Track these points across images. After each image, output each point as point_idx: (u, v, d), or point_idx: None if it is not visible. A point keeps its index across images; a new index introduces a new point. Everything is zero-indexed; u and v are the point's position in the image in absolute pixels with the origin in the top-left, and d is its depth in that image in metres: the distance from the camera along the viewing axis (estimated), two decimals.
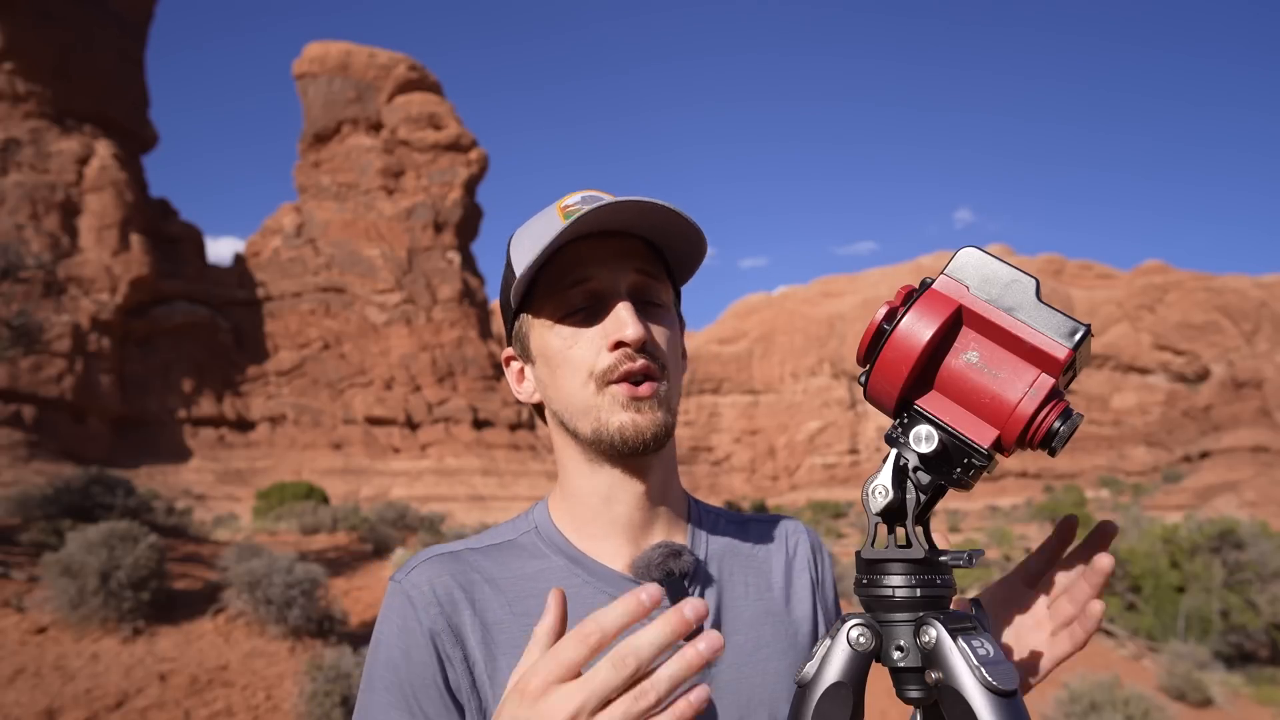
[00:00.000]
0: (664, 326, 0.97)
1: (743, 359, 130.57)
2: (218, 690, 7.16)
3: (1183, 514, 35.76)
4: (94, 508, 11.68)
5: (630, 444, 0.93)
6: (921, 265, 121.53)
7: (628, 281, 0.95)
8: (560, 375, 0.96)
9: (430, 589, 0.93)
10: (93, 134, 59.29)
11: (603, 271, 0.94)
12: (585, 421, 0.95)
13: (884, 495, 0.75)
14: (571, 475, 1.00)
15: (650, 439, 0.93)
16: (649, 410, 0.93)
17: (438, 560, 0.97)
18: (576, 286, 0.95)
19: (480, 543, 1.01)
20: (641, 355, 0.93)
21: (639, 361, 0.92)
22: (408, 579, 0.95)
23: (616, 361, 0.92)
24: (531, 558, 0.99)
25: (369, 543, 15.21)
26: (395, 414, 66.91)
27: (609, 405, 0.93)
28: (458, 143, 76.37)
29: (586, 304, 0.95)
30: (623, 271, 0.95)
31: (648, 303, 0.97)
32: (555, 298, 0.96)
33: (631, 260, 0.96)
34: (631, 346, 0.92)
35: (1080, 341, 0.71)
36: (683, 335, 1.06)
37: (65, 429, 51.99)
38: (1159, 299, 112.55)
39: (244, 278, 71.04)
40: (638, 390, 0.93)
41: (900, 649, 0.75)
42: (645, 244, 0.98)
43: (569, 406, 0.96)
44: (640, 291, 0.96)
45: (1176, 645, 13.64)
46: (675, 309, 1.03)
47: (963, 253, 0.76)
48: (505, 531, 1.03)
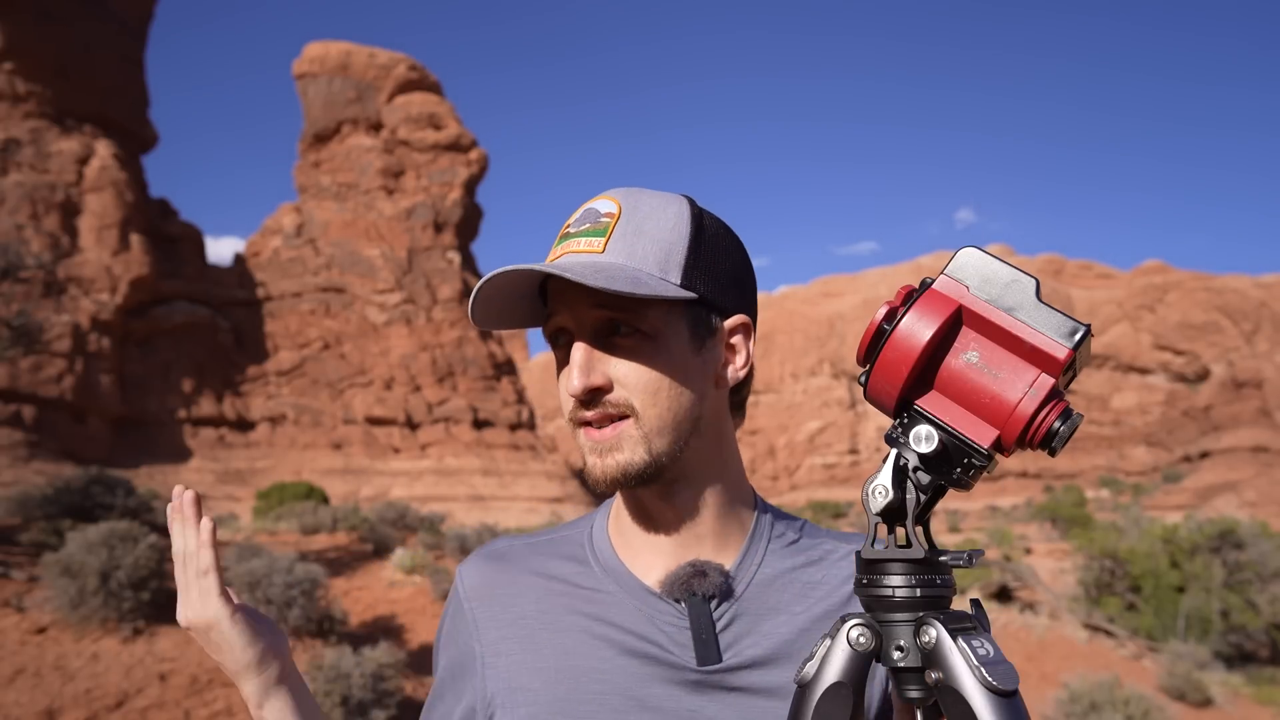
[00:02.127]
0: (638, 358, 0.91)
1: None
2: (218, 690, 7.16)
3: (1183, 514, 35.74)
4: (94, 508, 11.68)
5: (599, 486, 0.92)
6: (921, 265, 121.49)
7: (590, 319, 0.91)
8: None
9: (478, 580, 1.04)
10: (93, 134, 59.27)
11: (567, 309, 0.92)
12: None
13: (884, 495, 0.75)
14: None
15: (612, 482, 0.91)
16: (609, 454, 0.91)
17: (485, 555, 1.06)
18: (549, 320, 0.94)
19: (541, 536, 1.07)
20: (591, 406, 0.91)
21: (590, 412, 0.91)
22: (465, 565, 1.07)
23: (574, 408, 0.92)
24: (573, 560, 1.02)
25: (369, 543, 15.21)
26: (395, 414, 66.89)
27: (581, 447, 0.94)
28: (458, 143, 76.36)
29: (562, 340, 0.94)
30: (585, 308, 0.91)
31: (621, 331, 0.91)
32: (547, 327, 0.96)
33: (595, 294, 0.89)
34: (575, 397, 0.90)
35: (1080, 341, 0.71)
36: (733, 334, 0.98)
37: (65, 429, 51.96)
38: (1159, 299, 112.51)
39: (244, 278, 71.03)
40: (595, 435, 0.91)
41: (900, 649, 0.75)
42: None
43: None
44: (605, 327, 0.92)
45: (1176, 645, 13.64)
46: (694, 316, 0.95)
47: (963, 253, 0.76)
48: (567, 527, 1.08)
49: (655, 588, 0.96)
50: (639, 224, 0.93)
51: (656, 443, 0.92)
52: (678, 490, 0.97)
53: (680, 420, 0.93)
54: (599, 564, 1.00)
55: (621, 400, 0.91)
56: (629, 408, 0.91)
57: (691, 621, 0.95)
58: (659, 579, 0.97)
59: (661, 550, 0.98)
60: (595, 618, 0.97)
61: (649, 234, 0.93)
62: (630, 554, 0.99)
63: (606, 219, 0.93)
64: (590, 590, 0.99)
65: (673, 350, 0.93)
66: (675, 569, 0.96)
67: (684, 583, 0.95)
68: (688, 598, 0.95)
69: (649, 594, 0.96)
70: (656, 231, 0.93)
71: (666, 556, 0.97)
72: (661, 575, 0.97)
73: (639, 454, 0.91)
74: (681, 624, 0.95)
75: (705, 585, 0.95)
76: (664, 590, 0.96)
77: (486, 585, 1.02)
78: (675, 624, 0.95)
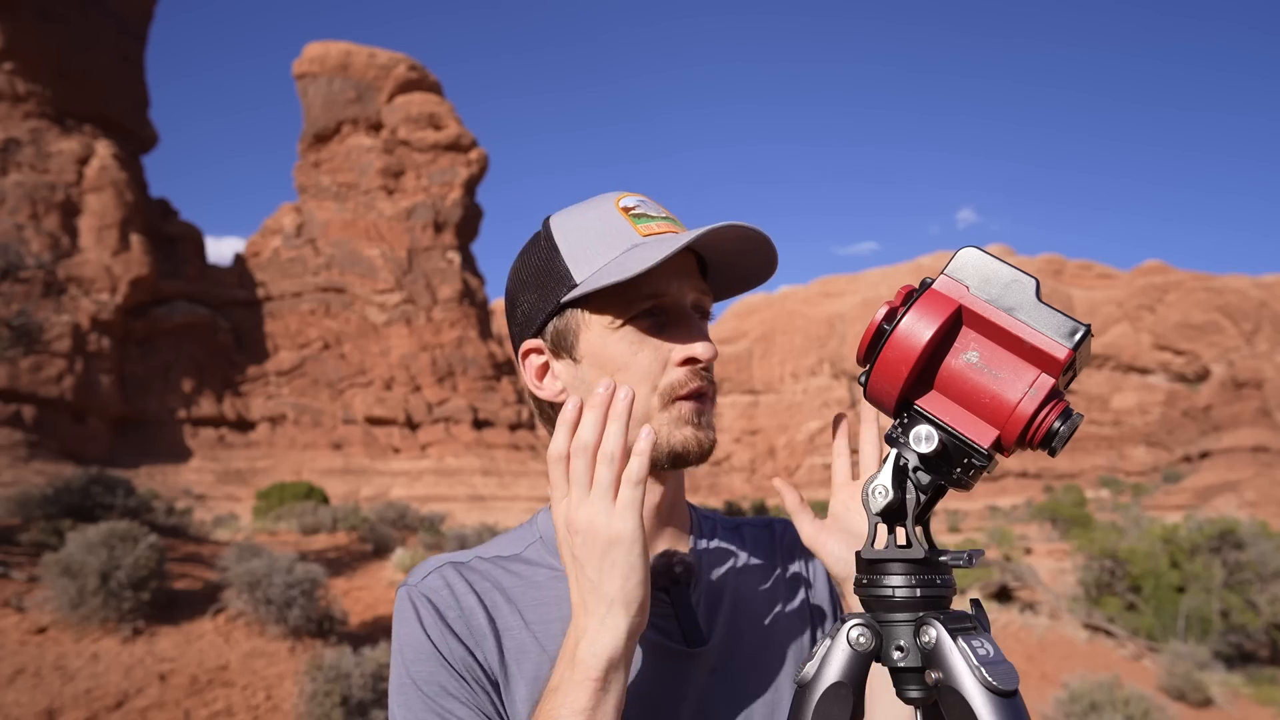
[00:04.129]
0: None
1: (743, 359, 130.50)
2: (218, 690, 7.16)
3: (1183, 514, 35.74)
4: (94, 508, 11.68)
5: (688, 459, 0.95)
6: (921, 265, 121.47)
7: (693, 296, 0.97)
8: (620, 380, 0.94)
9: (450, 593, 0.95)
10: (93, 134, 59.26)
11: (674, 285, 0.95)
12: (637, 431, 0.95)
13: (884, 495, 0.75)
14: None
15: (708, 451, 0.96)
16: (709, 426, 0.96)
17: (451, 568, 0.98)
18: (650, 298, 0.94)
19: (488, 552, 1.02)
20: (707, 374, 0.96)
21: (706, 380, 0.95)
22: (424, 583, 0.96)
23: (686, 378, 0.93)
24: (539, 568, 0.99)
25: (369, 543, 15.21)
26: (395, 414, 66.89)
27: (672, 420, 0.94)
28: (458, 143, 76.35)
29: (654, 314, 0.95)
30: (689, 286, 0.96)
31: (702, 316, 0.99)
32: (621, 301, 0.94)
33: (694, 276, 0.97)
34: (704, 364, 0.94)
35: (1080, 341, 0.71)
36: None
37: (65, 429, 51.96)
38: (1159, 299, 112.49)
39: (244, 278, 71.04)
40: (703, 406, 0.95)
41: (900, 649, 0.75)
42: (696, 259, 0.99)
43: None
44: (700, 307, 0.98)
45: (1176, 645, 13.63)
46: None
47: (963, 253, 0.76)
48: (510, 544, 1.03)
49: None
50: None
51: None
52: (671, 479, 1.02)
53: None
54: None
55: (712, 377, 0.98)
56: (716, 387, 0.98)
57: (677, 608, 0.99)
58: None
59: None
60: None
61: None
62: None
63: (667, 212, 1.00)
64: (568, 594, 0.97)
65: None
66: (652, 559, 0.99)
67: (664, 573, 0.99)
68: (671, 585, 0.99)
69: None
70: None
71: None
72: None
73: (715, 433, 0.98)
74: (665, 611, 0.99)
75: (684, 574, 1.00)
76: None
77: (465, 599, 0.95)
78: (659, 611, 0.98)
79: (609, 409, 0.83)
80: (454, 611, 0.93)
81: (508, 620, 0.95)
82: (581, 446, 0.82)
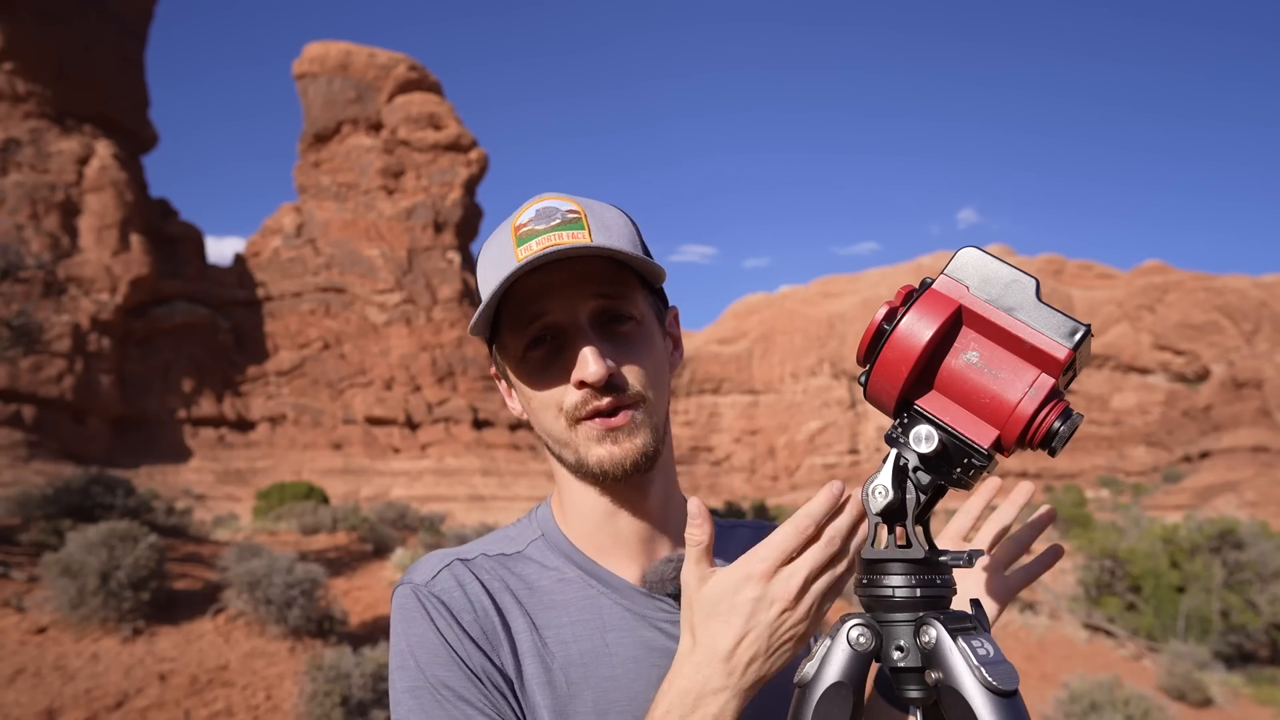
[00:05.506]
0: (637, 345, 0.95)
1: (743, 359, 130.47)
2: (218, 690, 7.16)
3: (1183, 514, 35.74)
4: (94, 508, 11.68)
5: (611, 475, 0.93)
6: (921, 265, 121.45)
7: (588, 309, 0.93)
8: (533, 408, 0.96)
9: (463, 594, 0.93)
10: (93, 134, 59.26)
11: (559, 303, 0.92)
12: (567, 452, 0.95)
13: (884, 495, 0.75)
14: (572, 490, 1.00)
15: (631, 467, 0.93)
16: (626, 439, 0.92)
17: (461, 565, 0.96)
18: (535, 321, 0.93)
19: (491, 549, 1.00)
20: (607, 393, 0.92)
21: (604, 400, 0.92)
22: (434, 582, 0.94)
23: (583, 400, 0.92)
24: (543, 568, 0.99)
25: (369, 543, 15.21)
26: (395, 414, 66.90)
27: (584, 440, 0.93)
28: (458, 143, 76.36)
29: (547, 337, 0.94)
30: (581, 299, 0.93)
31: (617, 319, 0.94)
32: (517, 332, 0.94)
33: (589, 285, 0.93)
34: (594, 387, 0.91)
35: (1080, 341, 0.71)
36: (672, 325, 1.04)
37: (65, 429, 51.98)
38: (1159, 299, 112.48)
39: (244, 278, 71.05)
40: (611, 422, 0.92)
41: (900, 649, 0.75)
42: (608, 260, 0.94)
43: (550, 436, 0.96)
44: (604, 314, 0.94)
45: (1176, 645, 13.63)
46: (656, 305, 1.01)
47: (963, 253, 0.76)
48: (511, 540, 1.02)
49: (638, 584, 0.99)
50: (602, 218, 0.96)
51: (659, 428, 0.96)
52: (654, 480, 0.99)
53: (666, 406, 0.99)
54: (574, 567, 0.99)
55: (632, 387, 0.93)
56: (639, 395, 0.94)
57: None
58: (638, 575, 0.99)
59: (630, 545, 0.99)
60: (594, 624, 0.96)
61: (614, 228, 0.95)
62: (599, 554, 0.99)
63: (573, 215, 0.94)
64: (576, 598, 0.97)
65: (654, 337, 0.98)
66: (655, 565, 0.98)
67: (673, 578, 0.97)
68: (678, 592, 0.97)
69: (636, 592, 0.98)
70: (617, 226, 0.96)
71: (637, 552, 0.99)
72: (639, 571, 0.99)
73: (650, 439, 0.94)
74: (672, 617, 0.98)
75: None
76: (650, 587, 0.98)
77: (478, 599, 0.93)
78: (667, 619, 0.97)
79: (858, 512, 0.79)
80: (469, 614, 0.91)
81: (518, 622, 0.94)
82: (839, 537, 0.79)
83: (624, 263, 0.94)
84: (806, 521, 0.76)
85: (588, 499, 0.98)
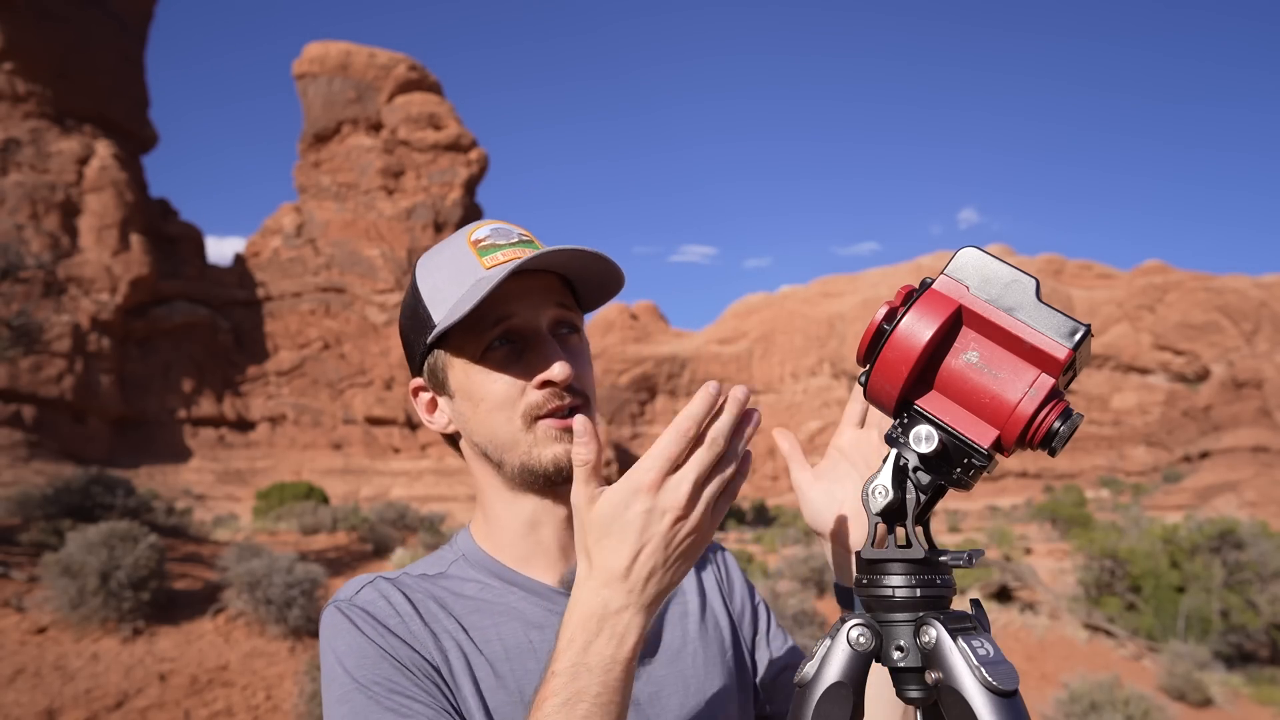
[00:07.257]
0: (582, 355, 1.02)
1: (743, 359, 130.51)
2: (218, 690, 7.16)
3: (1183, 514, 35.75)
4: (94, 508, 11.68)
5: (565, 473, 0.96)
6: (921, 265, 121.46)
7: (548, 316, 0.99)
8: (483, 411, 0.99)
9: (386, 602, 0.96)
10: (93, 134, 59.28)
11: (524, 309, 0.98)
12: (513, 455, 0.98)
13: (884, 495, 0.75)
14: (494, 503, 1.04)
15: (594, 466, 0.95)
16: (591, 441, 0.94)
17: (384, 581, 1.00)
18: (499, 324, 0.97)
19: (415, 570, 1.04)
20: (568, 393, 0.97)
21: (567, 399, 0.97)
22: (357, 597, 0.97)
23: (544, 399, 0.96)
24: (466, 582, 1.03)
25: (369, 543, 15.22)
26: (395, 414, 66.91)
27: (540, 439, 0.97)
28: (458, 143, 76.38)
29: (509, 340, 0.98)
30: (545, 307, 0.99)
31: (568, 330, 1.01)
32: (475, 336, 0.98)
33: (551, 294, 1.00)
34: (560, 386, 0.96)
35: (1080, 341, 0.71)
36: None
37: (65, 429, 51.99)
38: (1159, 299, 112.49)
39: (244, 278, 71.06)
40: (568, 422, 0.96)
41: (900, 649, 0.75)
42: (558, 277, 1.02)
43: (494, 440, 0.99)
44: (560, 324, 1.01)
45: (1176, 645, 13.63)
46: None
47: (963, 253, 0.76)
48: (433, 564, 1.06)
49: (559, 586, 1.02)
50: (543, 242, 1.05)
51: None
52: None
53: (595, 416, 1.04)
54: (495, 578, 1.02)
55: (582, 392, 0.99)
56: (586, 400, 1.00)
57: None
58: (557, 579, 1.03)
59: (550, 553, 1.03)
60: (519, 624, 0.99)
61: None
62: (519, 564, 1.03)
63: (526, 237, 1.03)
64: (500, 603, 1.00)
65: (588, 350, 1.05)
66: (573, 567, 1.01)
67: None
68: None
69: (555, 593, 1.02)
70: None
71: (556, 559, 1.03)
72: (559, 575, 1.03)
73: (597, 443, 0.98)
74: None
75: None
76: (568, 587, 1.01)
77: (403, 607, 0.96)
78: None
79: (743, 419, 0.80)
80: (394, 619, 0.94)
81: (444, 625, 0.96)
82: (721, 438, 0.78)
83: (570, 283, 1.03)
84: (688, 424, 0.75)
85: (512, 510, 1.02)
